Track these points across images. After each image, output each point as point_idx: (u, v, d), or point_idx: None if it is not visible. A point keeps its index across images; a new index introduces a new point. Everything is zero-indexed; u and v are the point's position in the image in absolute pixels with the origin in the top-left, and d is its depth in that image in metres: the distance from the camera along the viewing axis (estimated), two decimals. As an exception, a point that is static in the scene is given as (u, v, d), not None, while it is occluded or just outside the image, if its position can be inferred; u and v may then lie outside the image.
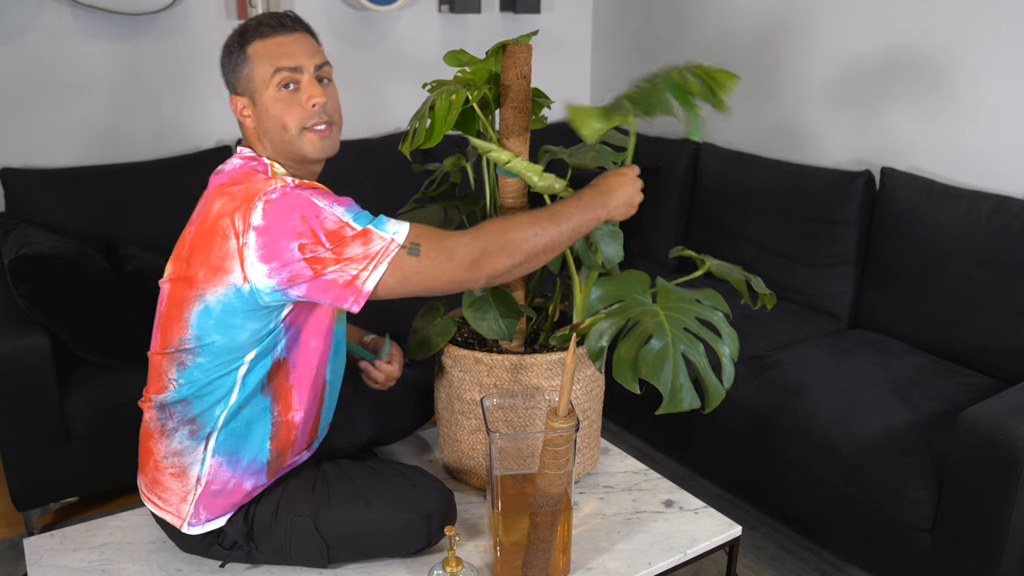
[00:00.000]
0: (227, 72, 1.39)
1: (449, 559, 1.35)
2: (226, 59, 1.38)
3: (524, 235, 1.34)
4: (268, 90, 1.35)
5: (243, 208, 1.25)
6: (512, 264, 1.34)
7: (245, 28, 1.37)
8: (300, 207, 1.25)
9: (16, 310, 2.13)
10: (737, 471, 2.26)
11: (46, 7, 2.57)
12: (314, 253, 1.24)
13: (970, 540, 1.72)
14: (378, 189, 3.03)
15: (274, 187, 1.26)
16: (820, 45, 2.76)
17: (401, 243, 1.27)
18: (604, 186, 1.45)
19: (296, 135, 1.37)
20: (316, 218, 1.24)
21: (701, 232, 3.00)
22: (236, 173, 1.35)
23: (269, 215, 1.24)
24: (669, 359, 1.37)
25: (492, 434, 1.38)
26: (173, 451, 1.39)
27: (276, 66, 1.35)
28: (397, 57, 3.24)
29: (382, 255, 1.26)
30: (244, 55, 1.36)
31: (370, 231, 1.27)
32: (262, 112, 1.36)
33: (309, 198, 1.26)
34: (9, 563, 2.13)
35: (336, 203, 1.27)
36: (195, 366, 1.34)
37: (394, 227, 1.29)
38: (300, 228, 1.24)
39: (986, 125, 2.36)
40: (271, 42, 1.36)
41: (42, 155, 2.67)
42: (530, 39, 1.54)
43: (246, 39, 1.36)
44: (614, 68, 3.63)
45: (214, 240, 1.28)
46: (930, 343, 2.35)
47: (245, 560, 1.45)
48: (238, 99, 1.38)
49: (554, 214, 1.37)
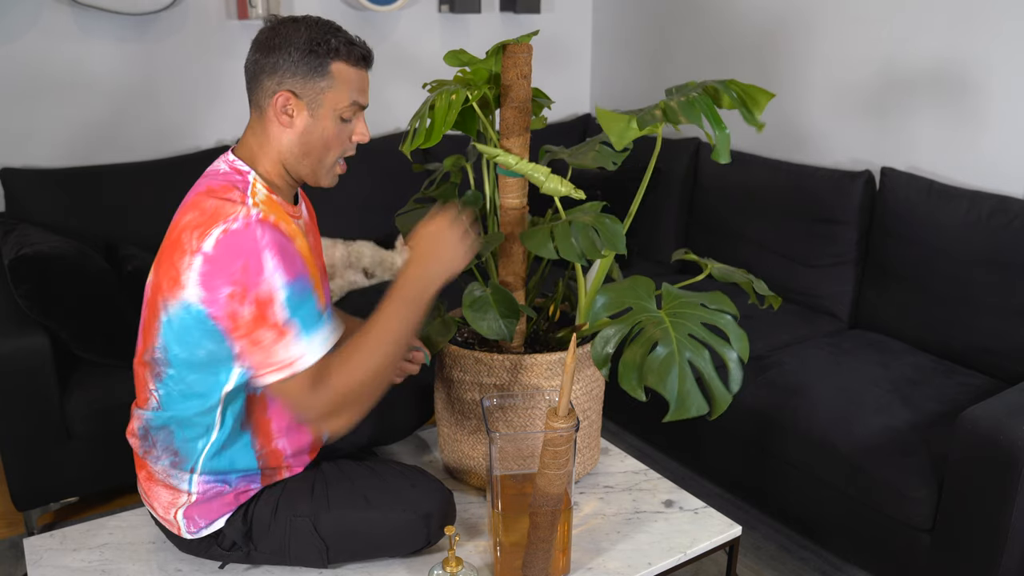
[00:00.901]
0: (289, 65, 1.31)
1: (449, 559, 1.35)
2: (297, 55, 1.30)
3: (376, 368, 1.30)
4: (333, 114, 1.34)
5: (202, 228, 1.24)
6: (360, 412, 1.33)
7: (331, 39, 1.32)
8: (248, 256, 1.22)
9: (16, 310, 2.13)
10: (737, 471, 2.26)
11: (46, 7, 2.57)
12: (237, 310, 1.23)
13: (970, 540, 1.72)
14: (378, 189, 3.03)
15: (237, 215, 1.24)
16: (820, 46, 2.76)
17: (303, 369, 1.25)
18: (419, 255, 1.36)
19: (331, 164, 1.39)
20: (256, 278, 1.22)
21: (701, 232, 3.00)
22: (215, 183, 1.32)
23: (219, 248, 1.22)
24: (675, 366, 1.37)
25: (492, 434, 1.38)
26: (160, 470, 1.40)
27: (355, 100, 1.35)
28: (397, 57, 3.24)
29: (280, 367, 1.25)
30: (328, 69, 1.31)
31: (287, 335, 1.24)
32: (315, 127, 1.34)
33: (261, 251, 1.22)
34: (9, 563, 2.13)
35: (283, 271, 1.23)
36: (168, 378, 1.34)
37: (310, 346, 1.25)
38: (237, 278, 1.22)
39: (986, 125, 2.36)
40: (356, 73, 1.35)
41: (42, 155, 2.67)
42: (530, 39, 1.54)
43: (334, 53, 1.32)
44: (614, 68, 3.63)
45: (175, 251, 1.27)
46: (930, 343, 2.35)
47: (244, 560, 1.45)
48: (291, 97, 1.32)
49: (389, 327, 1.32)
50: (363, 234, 3.00)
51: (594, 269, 1.59)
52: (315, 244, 1.51)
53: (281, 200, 1.37)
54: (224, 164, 1.37)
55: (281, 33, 1.32)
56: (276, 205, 1.33)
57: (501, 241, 1.59)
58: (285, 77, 1.31)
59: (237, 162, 1.36)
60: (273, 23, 1.35)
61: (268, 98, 1.33)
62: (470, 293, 1.56)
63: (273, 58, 1.31)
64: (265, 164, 1.37)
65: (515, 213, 1.60)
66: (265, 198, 1.32)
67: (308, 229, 1.48)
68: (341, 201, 2.97)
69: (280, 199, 1.36)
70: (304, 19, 1.34)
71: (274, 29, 1.33)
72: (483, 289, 1.57)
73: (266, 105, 1.34)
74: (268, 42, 1.32)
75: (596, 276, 1.57)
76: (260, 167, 1.37)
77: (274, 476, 1.44)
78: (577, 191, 1.45)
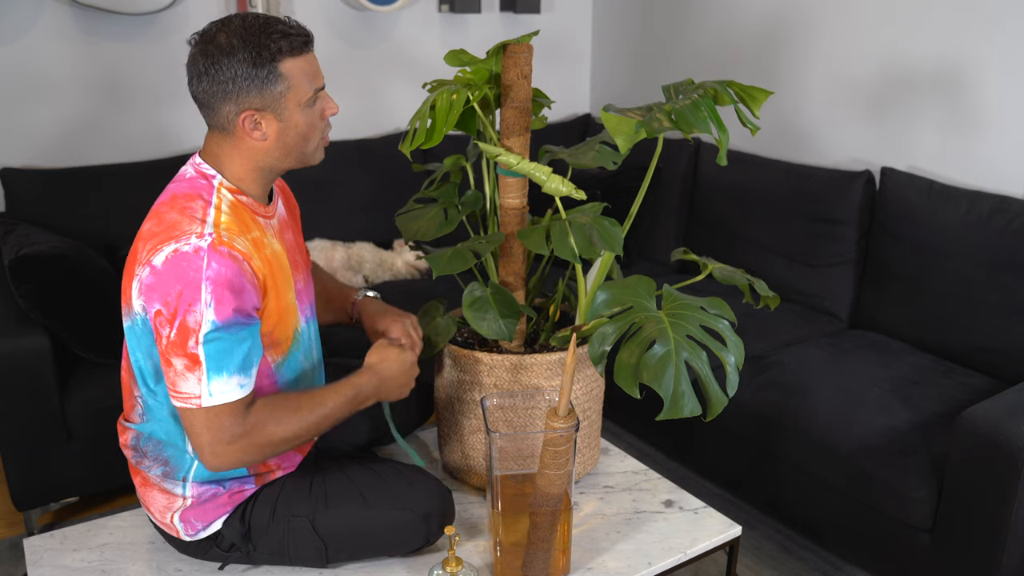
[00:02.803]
0: (240, 85, 1.25)
1: (449, 559, 1.35)
2: (242, 71, 1.25)
3: (285, 439, 1.31)
4: (300, 108, 1.31)
5: (155, 242, 1.24)
6: (262, 460, 1.33)
7: (268, 42, 1.25)
8: (187, 284, 1.20)
9: (16, 310, 2.13)
10: (737, 471, 2.26)
11: (46, 7, 2.57)
12: (161, 329, 1.23)
13: (970, 540, 1.72)
14: (378, 189, 3.03)
15: (190, 236, 1.22)
16: (820, 46, 2.76)
17: (203, 406, 1.23)
18: (379, 376, 1.44)
19: (314, 148, 1.37)
20: (187, 306, 1.20)
21: (701, 232, 3.00)
22: (180, 190, 1.31)
23: (165, 266, 1.22)
24: (671, 365, 1.37)
25: (492, 434, 1.38)
26: (154, 477, 1.41)
27: (315, 86, 1.32)
28: (397, 57, 3.24)
29: (181, 398, 1.24)
30: (277, 73, 1.26)
31: (196, 371, 1.22)
32: (288, 128, 1.31)
33: (201, 282, 1.20)
34: (9, 563, 2.13)
35: (216, 308, 1.21)
36: (143, 384, 1.35)
37: (211, 391, 1.23)
38: (170, 300, 1.21)
39: (986, 125, 2.36)
40: (303, 60, 1.30)
41: (42, 155, 2.67)
42: (530, 39, 1.54)
43: (276, 55, 1.26)
44: (614, 68, 3.62)
45: (134, 259, 1.29)
46: (930, 343, 2.35)
47: (244, 561, 1.45)
48: (255, 114, 1.28)
49: (323, 415, 1.34)
50: (363, 234, 3.00)
51: (594, 269, 1.59)
52: (293, 239, 1.50)
53: (251, 201, 1.35)
54: (191, 168, 1.35)
55: (214, 55, 1.25)
56: (241, 212, 1.32)
57: (501, 241, 1.59)
58: (241, 97, 1.27)
59: (203, 165, 1.34)
60: (198, 47, 1.27)
61: (232, 121, 1.29)
62: (470, 293, 1.56)
63: (219, 85, 1.26)
64: (235, 169, 1.34)
65: (515, 213, 1.60)
66: (231, 204, 1.31)
67: (284, 226, 1.46)
68: (341, 201, 2.97)
69: (250, 199, 1.35)
70: (227, 28, 1.26)
71: (205, 53, 1.26)
72: (483, 289, 1.57)
73: (232, 128, 1.30)
74: (208, 70, 1.26)
75: (596, 276, 1.57)
76: (229, 172, 1.34)
77: (267, 476, 1.44)
78: (578, 191, 1.45)
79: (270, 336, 1.36)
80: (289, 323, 1.39)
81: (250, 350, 1.27)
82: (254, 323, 1.28)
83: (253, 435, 1.27)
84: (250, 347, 1.27)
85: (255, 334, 1.28)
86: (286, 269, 1.39)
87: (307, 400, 1.35)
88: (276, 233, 1.41)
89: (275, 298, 1.34)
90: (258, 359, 1.30)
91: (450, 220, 1.71)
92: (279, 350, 1.39)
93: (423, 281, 2.86)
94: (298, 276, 1.45)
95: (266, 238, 1.36)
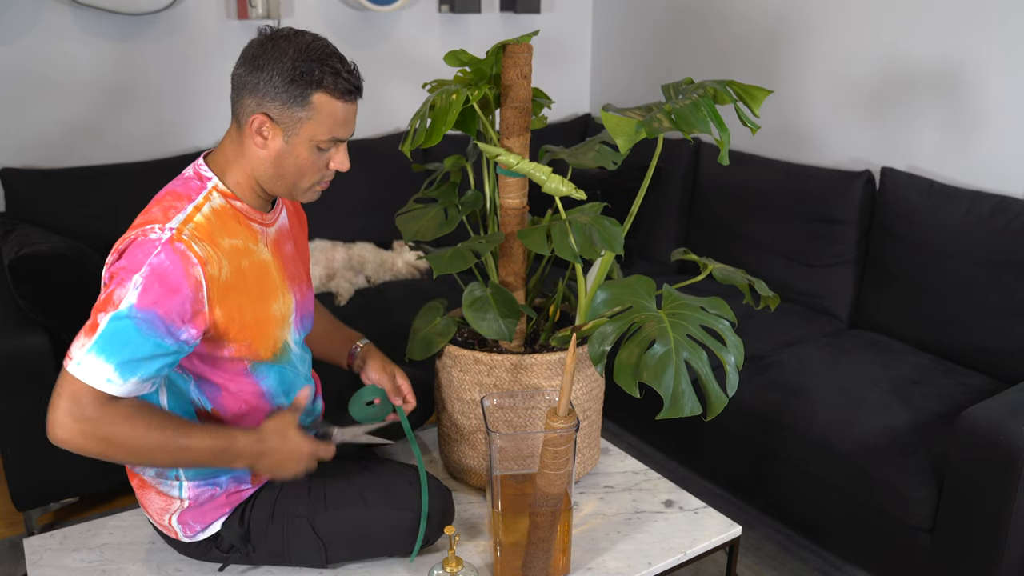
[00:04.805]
0: (270, 89, 1.26)
1: (449, 559, 1.35)
2: (279, 80, 1.26)
3: (132, 448, 1.24)
4: (309, 143, 1.30)
5: (134, 229, 1.26)
6: (96, 454, 1.25)
7: (316, 69, 1.26)
8: (132, 263, 1.21)
9: (16, 310, 2.13)
10: (737, 471, 2.26)
11: (46, 7, 2.57)
12: (103, 291, 1.23)
13: (970, 540, 1.72)
14: (378, 189, 3.03)
15: (156, 228, 1.24)
16: (820, 46, 2.76)
17: (66, 368, 1.19)
18: (264, 445, 1.34)
19: (306, 188, 1.36)
20: (120, 280, 1.20)
21: (701, 232, 3.00)
22: (173, 188, 1.33)
23: (127, 248, 1.24)
24: (671, 365, 1.37)
25: (492, 434, 1.38)
26: (149, 477, 1.41)
27: (334, 135, 1.31)
28: (397, 57, 3.24)
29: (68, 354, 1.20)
30: (309, 100, 1.27)
31: (93, 335, 1.18)
32: (288, 153, 1.31)
33: (142, 267, 1.20)
34: (9, 563, 2.13)
35: (140, 296, 1.19)
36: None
37: (84, 363, 1.18)
38: (115, 271, 1.22)
39: (986, 125, 2.36)
40: (340, 106, 1.29)
41: (42, 155, 2.67)
42: (530, 39, 1.54)
43: (316, 84, 1.26)
44: (614, 68, 3.63)
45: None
46: (930, 343, 2.35)
47: (244, 562, 1.45)
48: (267, 121, 1.28)
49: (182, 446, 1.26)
50: (363, 235, 3.00)
51: (594, 269, 1.59)
52: (295, 249, 1.49)
53: (245, 207, 1.35)
54: (191, 168, 1.36)
55: (269, 51, 1.26)
56: (227, 217, 1.32)
57: (501, 241, 1.59)
58: (265, 100, 1.27)
59: (203, 168, 1.35)
60: (264, 37, 1.29)
61: (246, 116, 1.30)
62: (470, 293, 1.56)
63: (256, 77, 1.27)
64: (236, 175, 1.34)
65: (515, 213, 1.60)
66: (218, 207, 1.31)
67: (284, 236, 1.45)
68: (341, 201, 2.97)
69: (246, 206, 1.35)
70: (296, 38, 1.28)
71: (263, 45, 1.28)
72: (483, 289, 1.57)
73: (244, 122, 1.31)
74: (255, 59, 1.27)
75: (596, 276, 1.57)
76: (230, 177, 1.34)
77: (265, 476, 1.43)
78: (578, 191, 1.45)
79: (247, 345, 1.34)
80: (269, 333, 1.37)
81: (145, 361, 1.20)
82: (171, 342, 1.22)
83: (101, 426, 1.21)
84: (147, 357, 1.20)
85: (166, 353, 1.22)
86: (274, 279, 1.38)
87: (174, 425, 1.27)
88: (271, 242, 1.40)
89: (247, 305, 1.32)
90: (154, 383, 1.24)
91: (450, 220, 1.71)
92: (255, 355, 1.36)
93: (423, 281, 2.86)
94: (295, 288, 1.45)
95: (254, 246, 1.35)
